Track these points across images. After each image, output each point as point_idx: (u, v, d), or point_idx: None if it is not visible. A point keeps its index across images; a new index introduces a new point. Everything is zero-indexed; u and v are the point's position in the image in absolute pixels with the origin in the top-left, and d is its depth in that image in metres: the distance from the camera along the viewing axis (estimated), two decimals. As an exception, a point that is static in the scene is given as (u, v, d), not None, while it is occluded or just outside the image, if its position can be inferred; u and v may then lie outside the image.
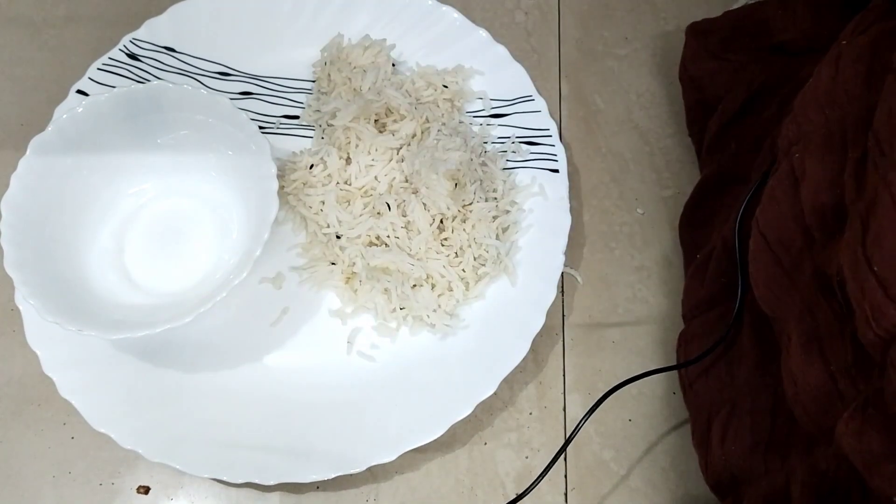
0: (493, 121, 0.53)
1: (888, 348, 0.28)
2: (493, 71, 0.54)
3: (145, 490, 0.46)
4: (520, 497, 0.41)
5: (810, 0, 0.48)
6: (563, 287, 0.51)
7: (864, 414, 0.29)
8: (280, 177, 0.48)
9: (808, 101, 0.37)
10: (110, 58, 0.53)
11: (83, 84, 0.52)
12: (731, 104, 0.49)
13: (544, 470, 0.41)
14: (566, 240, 0.48)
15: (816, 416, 0.33)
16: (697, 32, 0.53)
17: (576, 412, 0.48)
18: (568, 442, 0.42)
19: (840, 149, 0.34)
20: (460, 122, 0.53)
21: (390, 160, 0.50)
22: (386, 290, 0.47)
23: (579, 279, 0.51)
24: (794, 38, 0.49)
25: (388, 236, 0.48)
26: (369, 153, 0.50)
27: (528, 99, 0.53)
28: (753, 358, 0.42)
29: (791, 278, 0.36)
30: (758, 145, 0.48)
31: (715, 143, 0.50)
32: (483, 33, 0.54)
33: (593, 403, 0.42)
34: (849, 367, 0.32)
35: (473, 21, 0.55)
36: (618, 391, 0.48)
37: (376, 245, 0.49)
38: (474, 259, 0.48)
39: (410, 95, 0.53)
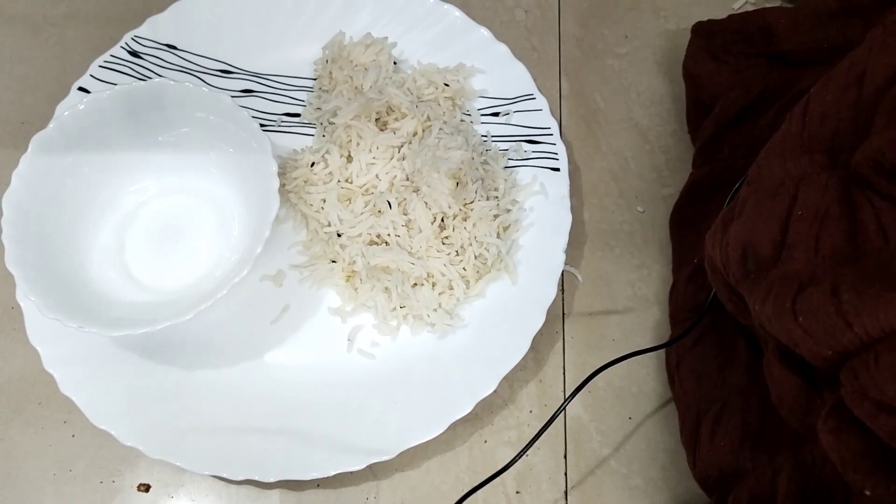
0: (494, 119, 0.53)
1: (836, 370, 0.30)
2: (495, 69, 0.54)
3: (146, 488, 0.46)
4: (509, 465, 0.41)
5: (814, 13, 0.49)
6: (563, 285, 0.51)
7: (841, 413, 0.30)
8: (281, 174, 0.48)
9: (774, 148, 0.37)
10: (112, 55, 0.53)
11: (84, 81, 0.52)
12: (728, 109, 0.50)
13: (533, 438, 0.41)
14: (567, 238, 0.48)
15: (800, 416, 0.34)
16: (701, 32, 0.53)
17: (576, 410, 0.48)
18: (555, 416, 0.42)
19: (782, 200, 0.35)
20: (461, 121, 0.53)
21: (391, 158, 0.50)
22: (386, 288, 0.47)
23: (580, 277, 0.51)
24: (795, 48, 0.50)
25: (389, 234, 0.48)
26: (370, 151, 0.50)
27: (529, 97, 0.53)
28: (746, 360, 0.42)
29: (741, 299, 0.37)
30: (751, 153, 0.48)
31: (709, 145, 0.50)
32: (484, 31, 0.54)
33: (581, 380, 0.42)
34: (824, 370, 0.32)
35: (474, 19, 0.55)
36: (617, 389, 0.48)
37: (377, 244, 0.49)
38: (475, 258, 0.48)
39: (412, 93, 0.53)
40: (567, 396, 0.43)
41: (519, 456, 0.41)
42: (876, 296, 0.27)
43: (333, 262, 0.49)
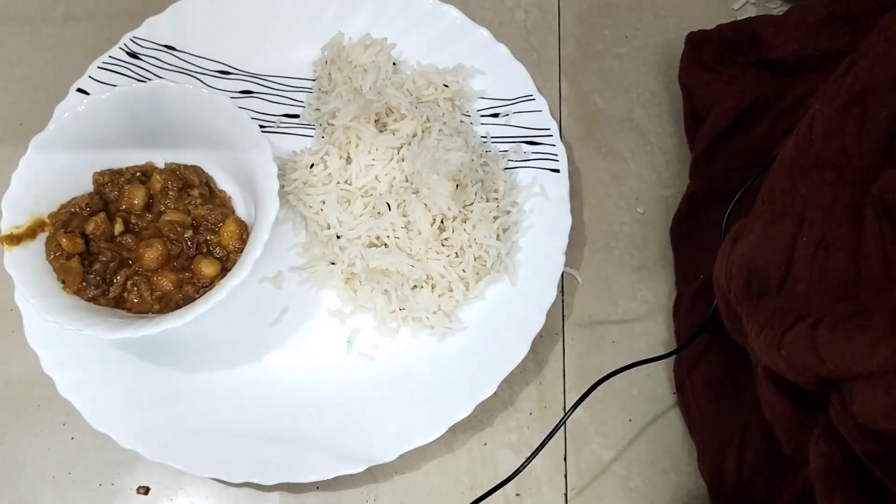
0: (493, 120, 0.53)
1: (825, 391, 0.30)
2: (494, 70, 0.54)
3: (145, 490, 0.46)
4: (512, 476, 0.41)
5: (802, 21, 0.49)
6: (563, 287, 0.51)
7: (831, 434, 0.30)
8: (280, 176, 0.48)
9: (783, 166, 0.37)
10: (111, 56, 0.53)
11: (83, 83, 0.52)
12: (721, 119, 0.50)
13: (538, 447, 0.42)
14: (566, 240, 0.48)
15: (792, 437, 0.34)
16: (693, 43, 0.53)
17: (576, 412, 0.47)
18: (558, 427, 0.42)
19: (789, 223, 0.35)
20: (461, 122, 0.53)
21: (391, 160, 0.50)
22: (386, 290, 0.47)
23: (579, 279, 0.51)
24: (784, 57, 0.50)
25: (389, 236, 0.48)
26: (370, 153, 0.50)
27: (528, 98, 0.53)
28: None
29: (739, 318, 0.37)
30: (747, 163, 0.48)
31: (704, 156, 0.50)
32: (484, 32, 0.54)
33: (585, 390, 0.43)
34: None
35: (473, 20, 0.55)
36: (617, 392, 0.48)
37: (376, 245, 0.49)
38: (475, 259, 0.48)
39: (411, 94, 0.52)
40: (569, 408, 0.43)
41: (522, 467, 0.41)
42: (846, 336, 0.28)
43: (333, 263, 0.49)
